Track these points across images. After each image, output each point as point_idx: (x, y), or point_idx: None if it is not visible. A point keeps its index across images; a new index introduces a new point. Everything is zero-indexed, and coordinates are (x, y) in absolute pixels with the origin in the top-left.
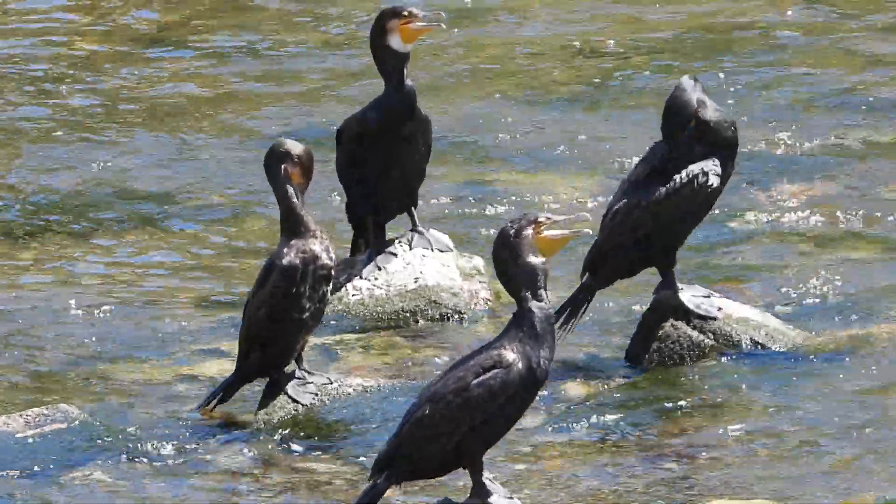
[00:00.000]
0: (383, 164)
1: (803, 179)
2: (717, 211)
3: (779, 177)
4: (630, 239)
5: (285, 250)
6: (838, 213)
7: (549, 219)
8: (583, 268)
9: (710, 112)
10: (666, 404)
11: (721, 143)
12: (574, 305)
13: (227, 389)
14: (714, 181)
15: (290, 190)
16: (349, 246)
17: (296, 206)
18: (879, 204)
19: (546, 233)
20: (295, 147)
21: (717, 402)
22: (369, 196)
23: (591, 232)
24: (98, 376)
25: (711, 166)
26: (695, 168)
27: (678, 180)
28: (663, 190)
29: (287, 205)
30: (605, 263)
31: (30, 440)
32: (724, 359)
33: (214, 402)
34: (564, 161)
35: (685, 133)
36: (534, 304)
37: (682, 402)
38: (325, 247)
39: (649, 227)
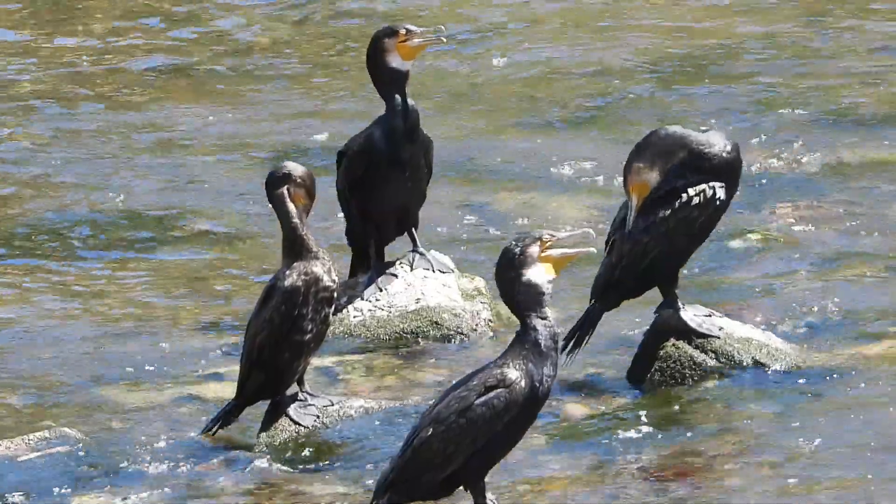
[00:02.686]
0: (385, 185)
1: (803, 198)
2: (717, 231)
3: (779, 196)
4: (641, 262)
5: (287, 272)
6: (839, 232)
7: (553, 237)
8: (591, 294)
9: (696, 147)
10: (668, 424)
11: (722, 169)
12: (582, 331)
13: (228, 413)
14: (721, 194)
15: (293, 212)
16: (348, 268)
17: (298, 227)
18: (880, 222)
19: (550, 252)
20: (297, 169)
21: (719, 421)
22: (369, 217)
23: (595, 251)
24: (99, 399)
25: (717, 185)
26: (702, 186)
27: (685, 198)
28: (670, 209)
29: (290, 227)
30: (615, 288)
31: (31, 464)
32: (725, 378)
33: (216, 426)
34: (565, 183)
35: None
36: (538, 323)
37: (683, 422)
38: (327, 269)
39: (658, 248)
